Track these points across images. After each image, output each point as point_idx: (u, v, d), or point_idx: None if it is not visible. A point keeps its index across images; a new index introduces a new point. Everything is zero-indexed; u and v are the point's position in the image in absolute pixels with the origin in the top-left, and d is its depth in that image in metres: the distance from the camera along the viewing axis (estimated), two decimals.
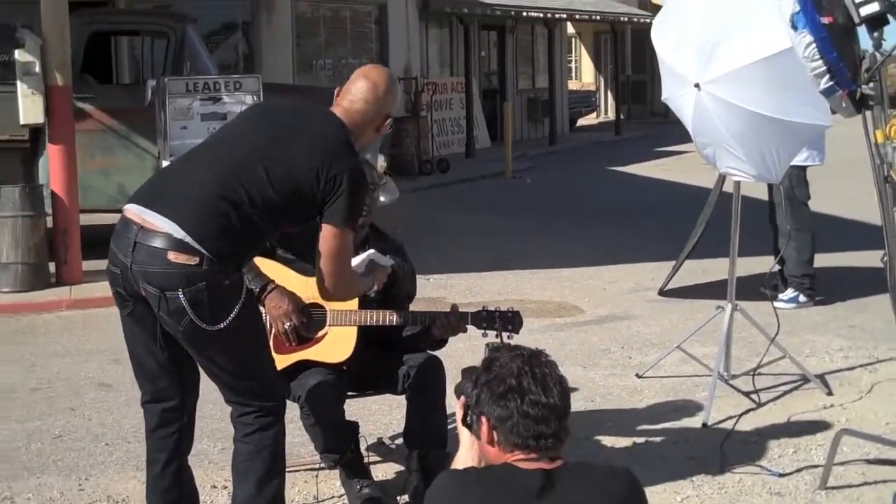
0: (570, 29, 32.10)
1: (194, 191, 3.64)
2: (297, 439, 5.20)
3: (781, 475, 4.89)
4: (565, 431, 2.72)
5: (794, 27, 4.21)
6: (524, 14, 24.28)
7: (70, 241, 9.37)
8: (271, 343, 4.44)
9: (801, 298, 8.22)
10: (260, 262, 4.53)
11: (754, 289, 7.45)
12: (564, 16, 26.04)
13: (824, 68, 4.19)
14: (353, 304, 4.49)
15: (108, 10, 14.48)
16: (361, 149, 3.94)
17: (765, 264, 7.53)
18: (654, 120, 35.24)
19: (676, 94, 5.87)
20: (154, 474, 3.94)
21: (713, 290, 8.42)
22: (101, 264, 9.66)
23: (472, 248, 10.50)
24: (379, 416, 5.71)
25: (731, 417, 5.63)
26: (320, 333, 4.51)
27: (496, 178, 18.88)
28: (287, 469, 4.65)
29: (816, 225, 8.37)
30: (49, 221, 9.52)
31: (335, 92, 3.98)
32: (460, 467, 2.85)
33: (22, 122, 9.49)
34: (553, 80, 26.46)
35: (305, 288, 4.49)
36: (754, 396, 5.93)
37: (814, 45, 4.16)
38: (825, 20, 4.16)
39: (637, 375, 6.53)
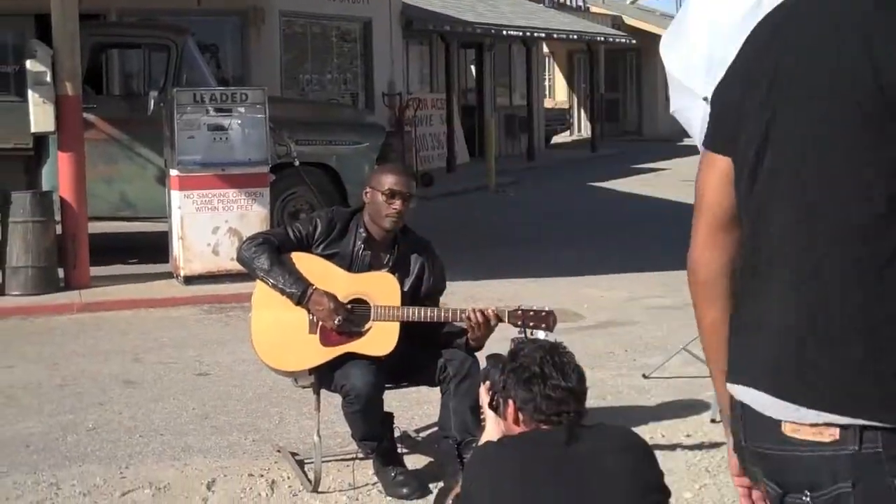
0: (544, 48, 32.51)
1: None
2: (329, 431, 5.45)
3: None
4: (584, 411, 3.05)
5: None
6: (504, 33, 24.64)
7: (79, 247, 9.54)
8: (318, 336, 4.71)
9: None
10: (300, 257, 4.78)
11: None
12: (543, 35, 26.40)
13: None
14: (396, 300, 4.76)
15: (111, 23, 14.63)
16: None
17: None
18: (627, 138, 35.74)
19: (686, 107, 6.14)
20: None
21: None
22: (107, 270, 9.95)
23: (468, 257, 10.73)
24: (400, 411, 5.93)
25: None
26: (365, 327, 4.76)
27: (480, 192, 19.15)
28: (322, 459, 4.94)
29: None
30: (58, 228, 9.71)
31: None
32: None
33: (33, 130, 9.66)
34: (531, 97, 26.83)
35: (349, 283, 4.77)
36: None
37: None
38: None
39: (644, 376, 6.80)
